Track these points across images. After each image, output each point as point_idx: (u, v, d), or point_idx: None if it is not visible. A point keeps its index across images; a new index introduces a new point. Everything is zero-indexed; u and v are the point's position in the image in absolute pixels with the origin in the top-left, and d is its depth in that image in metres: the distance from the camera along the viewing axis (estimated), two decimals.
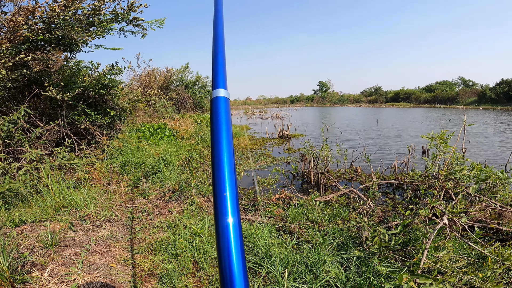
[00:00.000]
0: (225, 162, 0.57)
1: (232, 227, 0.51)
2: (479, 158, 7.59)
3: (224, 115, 0.62)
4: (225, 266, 0.49)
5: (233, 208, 0.52)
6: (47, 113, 5.91)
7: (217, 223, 0.52)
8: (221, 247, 0.50)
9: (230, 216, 0.51)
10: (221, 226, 0.51)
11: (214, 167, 0.57)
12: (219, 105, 0.64)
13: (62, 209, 3.66)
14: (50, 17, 4.75)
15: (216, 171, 0.56)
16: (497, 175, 3.66)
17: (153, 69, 21.57)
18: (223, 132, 0.60)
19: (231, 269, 0.49)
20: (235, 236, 0.51)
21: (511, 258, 2.32)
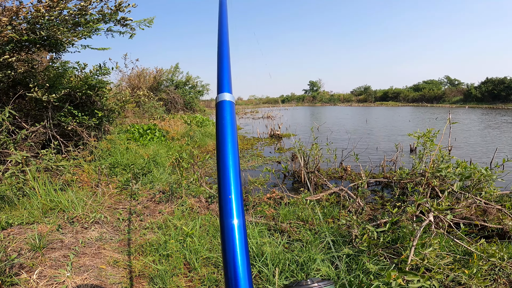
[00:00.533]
0: (230, 165, 0.57)
1: (237, 228, 0.52)
2: (466, 156, 7.79)
3: (229, 119, 0.63)
4: (230, 266, 0.50)
5: (238, 210, 0.53)
6: (32, 114, 5.77)
7: (222, 224, 0.52)
8: (226, 247, 0.51)
9: (235, 217, 0.52)
10: (227, 227, 0.52)
11: (220, 169, 0.58)
12: (224, 109, 0.65)
13: (50, 212, 3.60)
14: (34, 17, 4.64)
15: (221, 174, 0.57)
16: (481, 172, 3.76)
17: (142, 70, 21.36)
18: (228, 135, 0.61)
19: (236, 269, 0.50)
20: (240, 237, 0.51)
21: (496, 255, 2.38)
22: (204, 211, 4.01)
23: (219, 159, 0.59)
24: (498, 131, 13.66)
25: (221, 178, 0.57)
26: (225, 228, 0.52)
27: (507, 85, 38.83)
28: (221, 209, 0.54)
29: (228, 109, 0.65)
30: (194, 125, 13.03)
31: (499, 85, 39.71)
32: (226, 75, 0.75)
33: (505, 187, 4.56)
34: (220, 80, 0.73)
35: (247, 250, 0.52)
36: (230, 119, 0.63)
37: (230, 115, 0.64)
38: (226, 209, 0.53)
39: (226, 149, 0.59)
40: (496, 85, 40.16)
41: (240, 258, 0.50)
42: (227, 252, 0.51)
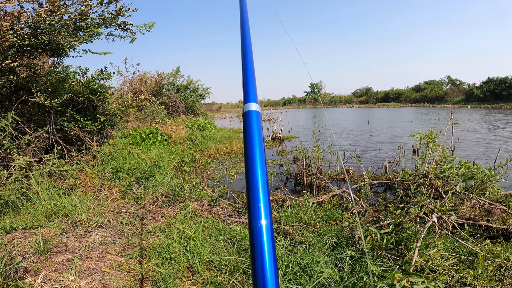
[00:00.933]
0: (258, 173, 0.60)
1: (265, 228, 0.54)
2: (469, 157, 7.76)
3: (256, 128, 0.66)
4: (258, 265, 0.52)
5: (266, 213, 0.56)
6: (35, 119, 5.81)
7: (250, 225, 0.55)
8: (255, 247, 0.53)
9: (264, 218, 0.55)
10: (255, 228, 0.54)
11: (248, 177, 0.60)
12: (251, 119, 0.68)
13: (53, 216, 3.61)
14: (36, 22, 4.69)
15: (250, 181, 0.59)
16: (484, 173, 3.74)
17: (144, 74, 21.46)
18: (256, 144, 0.64)
19: (264, 269, 0.52)
20: (268, 237, 0.54)
21: (501, 255, 2.36)
22: (207, 214, 4.01)
23: (247, 167, 0.61)
24: (502, 131, 13.59)
25: (250, 185, 0.59)
26: (253, 230, 0.54)
27: (508, 84, 38.73)
28: (250, 214, 0.56)
29: (255, 119, 0.67)
30: (195, 129, 13.07)
31: (500, 85, 39.61)
32: (251, 85, 0.77)
33: (509, 187, 4.54)
34: (246, 91, 0.75)
35: (275, 250, 0.54)
36: (257, 128, 0.66)
37: (257, 125, 0.66)
38: (254, 214, 0.56)
39: (254, 158, 0.62)
40: (497, 84, 40.06)
41: (268, 258, 0.53)
42: (256, 252, 0.53)
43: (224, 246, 3.06)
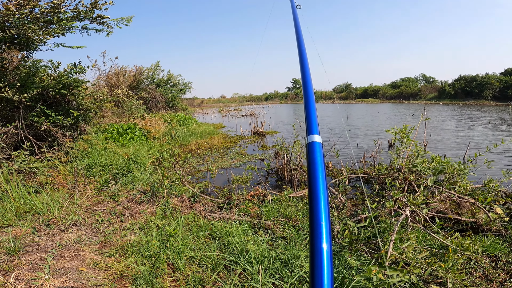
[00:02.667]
0: (321, 199, 0.66)
1: (326, 252, 0.59)
2: (441, 151, 8.12)
3: (320, 158, 0.72)
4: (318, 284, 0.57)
5: (327, 237, 0.61)
6: (3, 115, 5.48)
7: (312, 247, 0.60)
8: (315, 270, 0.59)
9: (325, 242, 0.60)
10: (316, 250, 0.59)
11: (312, 203, 0.66)
12: (315, 150, 0.74)
13: (24, 215, 3.45)
14: (4, 16, 4.42)
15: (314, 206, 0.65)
16: (454, 167, 3.93)
17: (121, 68, 20.75)
18: (319, 173, 0.69)
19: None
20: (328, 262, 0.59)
21: (470, 248, 2.46)
22: (187, 210, 3.97)
23: (311, 193, 0.67)
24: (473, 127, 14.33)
25: (314, 210, 0.65)
26: (315, 252, 0.59)
27: (479, 82, 40.73)
28: (312, 236, 0.62)
29: (318, 150, 0.74)
30: (175, 124, 12.83)
31: (471, 82, 41.60)
32: (313, 117, 0.84)
33: (478, 180, 4.79)
34: (309, 123, 0.82)
35: (333, 274, 0.60)
36: (320, 158, 0.72)
37: (320, 155, 0.73)
38: (317, 236, 0.61)
39: (318, 185, 0.67)
40: (468, 82, 42.03)
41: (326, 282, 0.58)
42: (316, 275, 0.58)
43: (205, 242, 3.04)
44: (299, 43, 1.24)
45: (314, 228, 0.62)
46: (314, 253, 0.59)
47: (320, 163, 0.71)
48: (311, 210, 0.65)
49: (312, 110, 0.87)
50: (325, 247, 0.59)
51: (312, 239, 0.61)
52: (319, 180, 0.68)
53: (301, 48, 1.21)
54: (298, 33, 1.33)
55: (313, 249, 0.59)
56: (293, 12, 1.62)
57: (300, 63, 1.12)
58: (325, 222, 0.63)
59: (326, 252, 0.59)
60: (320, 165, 0.71)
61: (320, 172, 0.69)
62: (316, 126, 0.81)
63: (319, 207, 0.65)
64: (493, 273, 2.64)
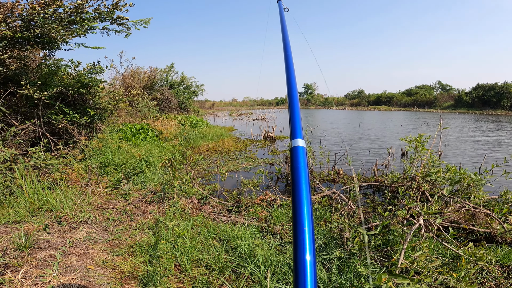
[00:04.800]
0: (304, 202, 0.64)
1: (309, 264, 0.57)
2: (456, 161, 7.91)
3: (303, 162, 0.72)
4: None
5: (311, 248, 0.59)
6: (22, 111, 5.66)
7: (295, 259, 0.58)
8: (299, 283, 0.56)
9: (308, 253, 0.58)
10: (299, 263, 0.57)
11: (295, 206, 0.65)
12: (298, 154, 0.73)
13: (37, 211, 3.53)
14: (29, 15, 4.58)
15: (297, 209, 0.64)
16: (470, 177, 3.82)
17: (137, 69, 21.18)
18: (303, 177, 0.69)
19: None
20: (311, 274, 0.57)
21: (484, 258, 2.41)
22: (196, 212, 3.98)
23: (294, 196, 0.66)
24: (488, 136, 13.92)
25: (297, 214, 0.63)
26: (298, 264, 0.57)
27: (497, 91, 39.58)
28: (296, 241, 0.60)
29: (302, 154, 0.74)
30: (187, 126, 12.97)
31: (489, 91, 40.46)
32: (298, 122, 0.84)
33: (494, 191, 4.64)
34: (293, 127, 0.82)
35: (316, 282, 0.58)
36: (303, 162, 0.72)
37: (304, 159, 0.73)
38: (300, 241, 0.59)
39: (301, 189, 0.67)
40: (486, 91, 40.88)
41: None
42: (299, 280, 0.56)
43: (213, 245, 3.04)
44: (285, 46, 1.23)
45: (297, 236, 0.60)
46: (297, 266, 0.57)
47: (303, 168, 0.70)
48: (294, 217, 0.64)
49: (296, 115, 0.86)
50: (309, 259, 0.57)
51: (295, 249, 0.59)
52: (302, 185, 0.67)
53: (287, 52, 1.20)
54: (285, 37, 1.32)
55: (296, 262, 0.57)
56: (281, 15, 1.60)
57: (286, 67, 1.11)
58: (308, 228, 0.61)
59: (310, 264, 0.57)
60: (304, 170, 0.70)
61: (304, 177, 0.69)
62: (300, 131, 0.80)
63: (302, 212, 0.63)
64: (505, 283, 2.61)
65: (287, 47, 1.21)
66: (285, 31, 1.37)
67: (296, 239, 0.60)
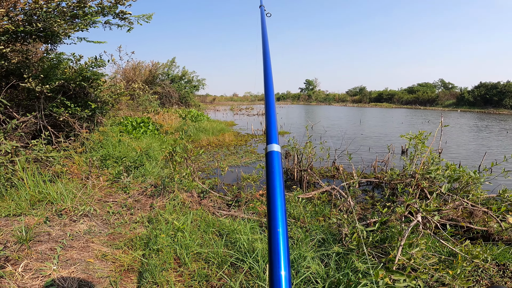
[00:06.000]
0: (278, 204, 0.67)
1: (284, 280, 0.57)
2: (456, 159, 7.92)
3: (278, 167, 0.74)
4: None
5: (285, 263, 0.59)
6: (24, 104, 5.67)
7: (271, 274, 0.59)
8: None
9: (283, 269, 0.58)
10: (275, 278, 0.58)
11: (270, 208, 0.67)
12: (273, 159, 0.76)
13: (38, 203, 3.55)
14: (32, 9, 4.56)
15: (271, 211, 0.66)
16: (469, 175, 3.83)
17: (138, 63, 21.12)
18: (277, 180, 0.71)
19: None
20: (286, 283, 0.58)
21: (480, 256, 2.43)
22: (196, 206, 4.01)
23: (269, 199, 0.68)
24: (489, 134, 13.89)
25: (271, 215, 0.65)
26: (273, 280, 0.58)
27: (499, 90, 39.37)
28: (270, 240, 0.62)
29: (277, 159, 0.76)
30: (188, 120, 12.96)
31: (491, 90, 40.25)
32: (274, 127, 0.85)
33: (493, 190, 4.65)
34: (269, 132, 0.83)
35: None
36: (278, 167, 0.74)
37: (278, 164, 0.75)
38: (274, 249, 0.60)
39: (275, 192, 0.69)
40: (489, 89, 40.66)
41: None
42: None
43: (212, 239, 3.06)
44: (265, 52, 1.24)
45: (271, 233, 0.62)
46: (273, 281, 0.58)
47: (278, 172, 0.72)
48: (269, 216, 0.66)
49: (272, 120, 0.87)
50: (284, 274, 0.58)
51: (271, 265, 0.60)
52: (276, 187, 0.69)
53: (266, 56, 1.20)
54: (264, 42, 1.33)
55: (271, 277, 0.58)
56: (262, 20, 1.59)
57: (264, 72, 1.14)
58: (282, 227, 0.62)
59: (285, 280, 0.57)
60: (278, 174, 0.72)
61: (278, 181, 0.71)
62: (275, 136, 0.82)
63: (276, 212, 0.65)
64: (500, 281, 2.64)
65: (266, 53, 1.22)
66: (265, 37, 1.37)
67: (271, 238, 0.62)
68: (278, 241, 0.61)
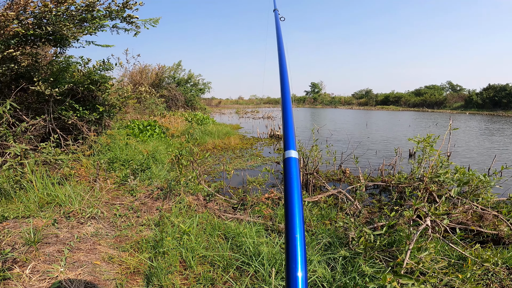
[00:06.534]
0: (296, 212, 0.66)
1: (301, 281, 0.58)
2: (465, 162, 7.79)
3: (296, 173, 0.74)
4: None
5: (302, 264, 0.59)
6: (33, 107, 5.77)
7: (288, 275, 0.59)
8: None
9: (300, 270, 0.59)
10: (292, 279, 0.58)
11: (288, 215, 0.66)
12: (291, 165, 0.76)
13: (46, 206, 3.59)
14: (42, 12, 4.66)
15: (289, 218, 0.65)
16: (479, 179, 3.76)
17: (145, 66, 21.37)
18: (295, 187, 0.71)
19: None
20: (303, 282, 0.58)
21: (490, 260, 2.39)
22: (202, 209, 4.01)
23: (287, 206, 0.68)
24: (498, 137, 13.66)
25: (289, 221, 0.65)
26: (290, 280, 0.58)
27: (508, 92, 38.78)
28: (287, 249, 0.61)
29: (294, 165, 0.76)
30: (194, 123, 13.03)
31: (500, 92, 39.66)
32: (291, 133, 0.85)
33: (503, 193, 4.56)
34: (287, 138, 0.83)
35: None
36: (296, 173, 0.74)
37: (296, 170, 0.75)
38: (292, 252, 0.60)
39: (293, 198, 0.68)
40: (497, 91, 40.07)
41: None
42: None
43: (218, 242, 3.06)
44: (280, 57, 1.23)
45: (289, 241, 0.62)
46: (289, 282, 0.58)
47: (296, 179, 0.72)
48: (286, 223, 0.65)
49: (289, 126, 0.87)
50: (300, 275, 0.58)
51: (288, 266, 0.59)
52: (294, 195, 0.69)
53: (282, 61, 1.20)
54: (280, 47, 1.32)
55: (288, 277, 0.59)
56: (276, 25, 1.59)
57: (280, 77, 1.14)
58: (299, 236, 0.62)
59: (302, 281, 0.57)
60: (296, 181, 0.72)
61: (296, 187, 0.71)
62: (293, 142, 0.82)
63: (294, 219, 0.65)
64: (510, 285, 2.58)
65: (282, 58, 1.21)
66: (281, 41, 1.37)
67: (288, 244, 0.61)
68: (296, 247, 0.61)
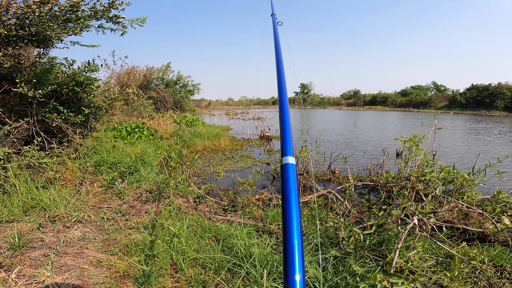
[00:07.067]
0: (294, 217, 0.67)
1: (299, 284, 0.58)
2: (450, 161, 7.99)
3: (293, 179, 0.76)
4: None
5: (300, 266, 0.60)
6: (16, 110, 5.60)
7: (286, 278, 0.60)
8: None
9: (298, 273, 0.59)
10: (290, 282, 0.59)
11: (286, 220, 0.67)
12: (289, 171, 0.77)
13: (30, 210, 3.49)
14: (24, 13, 4.53)
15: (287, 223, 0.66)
16: (464, 177, 3.86)
17: (132, 67, 21.06)
18: (293, 193, 0.72)
19: None
20: None
21: (477, 258, 2.44)
22: (192, 211, 3.97)
23: (284, 211, 0.69)
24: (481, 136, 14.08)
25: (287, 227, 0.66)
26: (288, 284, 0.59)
27: (491, 92, 40.00)
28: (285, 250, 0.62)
29: (292, 172, 0.77)
30: (183, 125, 12.92)
31: (483, 92, 40.87)
32: (289, 140, 0.87)
33: (487, 191, 4.70)
34: (284, 145, 0.84)
35: None
36: (293, 179, 0.76)
37: (294, 176, 0.77)
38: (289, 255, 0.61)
39: (291, 204, 0.70)
40: (480, 91, 41.28)
41: None
42: None
43: (209, 244, 3.03)
44: (278, 61, 1.25)
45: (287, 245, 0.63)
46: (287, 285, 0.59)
47: (293, 185, 0.74)
48: (284, 229, 0.66)
49: (287, 133, 0.89)
50: (298, 278, 0.58)
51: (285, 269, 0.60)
52: (292, 201, 0.70)
53: (279, 65, 1.22)
54: (278, 52, 1.33)
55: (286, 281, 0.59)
56: (274, 29, 1.60)
57: (278, 83, 1.16)
58: (297, 239, 0.63)
59: (299, 284, 0.58)
60: (294, 187, 0.73)
61: (293, 193, 0.72)
62: (290, 148, 0.83)
63: (291, 224, 0.66)
64: (497, 283, 2.64)
65: (280, 63, 1.23)
66: (278, 46, 1.38)
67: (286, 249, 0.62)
68: (293, 252, 0.61)
